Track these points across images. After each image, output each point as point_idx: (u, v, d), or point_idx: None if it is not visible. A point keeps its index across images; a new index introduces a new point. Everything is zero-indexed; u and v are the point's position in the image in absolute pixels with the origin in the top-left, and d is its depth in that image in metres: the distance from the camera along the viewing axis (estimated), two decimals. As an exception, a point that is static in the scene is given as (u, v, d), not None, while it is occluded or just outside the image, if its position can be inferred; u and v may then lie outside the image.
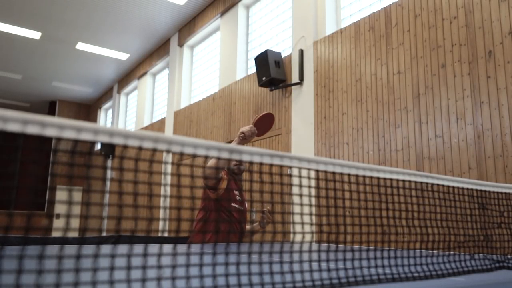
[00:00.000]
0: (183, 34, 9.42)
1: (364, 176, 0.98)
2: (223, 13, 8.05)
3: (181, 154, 0.84)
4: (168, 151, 0.82)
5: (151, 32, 9.81)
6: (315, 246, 2.16)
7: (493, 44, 3.67)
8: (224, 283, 0.88)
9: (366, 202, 1.23)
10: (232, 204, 2.91)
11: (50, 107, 15.09)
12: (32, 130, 0.67)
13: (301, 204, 0.93)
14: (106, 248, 0.83)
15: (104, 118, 14.94)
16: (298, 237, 1.06)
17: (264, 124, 2.98)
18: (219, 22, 8.26)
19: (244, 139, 2.81)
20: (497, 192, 1.69)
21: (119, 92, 13.10)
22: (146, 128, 10.89)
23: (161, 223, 8.03)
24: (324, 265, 1.23)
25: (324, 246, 1.75)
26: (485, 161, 3.58)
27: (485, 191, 1.61)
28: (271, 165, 0.96)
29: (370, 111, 4.68)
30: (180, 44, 9.51)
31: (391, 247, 1.36)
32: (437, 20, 4.16)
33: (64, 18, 9.15)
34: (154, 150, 0.81)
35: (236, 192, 2.96)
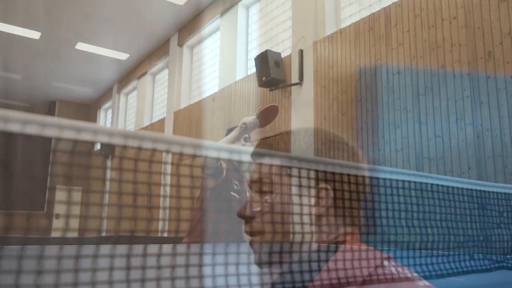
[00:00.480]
0: (183, 34, 9.42)
1: (364, 176, 0.98)
2: (222, 13, 8.05)
3: (181, 154, 0.84)
4: (167, 151, 0.82)
5: (151, 32, 9.81)
6: (315, 246, 2.16)
7: (492, 44, 3.67)
8: (223, 283, 0.88)
9: (366, 202, 1.22)
10: (231, 193, 2.90)
11: (50, 107, 15.07)
12: (32, 130, 0.67)
13: (301, 204, 0.93)
14: (105, 248, 0.83)
15: (104, 118, 14.94)
16: (298, 237, 1.06)
17: (268, 116, 2.97)
18: (218, 22, 8.26)
19: (246, 130, 2.81)
20: (497, 192, 1.69)
21: (119, 92, 13.10)
22: (145, 128, 10.89)
23: (160, 223, 8.02)
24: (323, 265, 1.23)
25: (324, 246, 1.75)
26: (485, 161, 3.58)
27: (484, 191, 1.61)
28: (270, 165, 0.96)
29: (370, 111, 4.68)
30: (180, 44, 9.51)
31: (391, 247, 1.36)
32: (437, 21, 4.16)
33: (64, 18, 9.15)
34: (154, 150, 0.81)
35: (236, 182, 2.95)
